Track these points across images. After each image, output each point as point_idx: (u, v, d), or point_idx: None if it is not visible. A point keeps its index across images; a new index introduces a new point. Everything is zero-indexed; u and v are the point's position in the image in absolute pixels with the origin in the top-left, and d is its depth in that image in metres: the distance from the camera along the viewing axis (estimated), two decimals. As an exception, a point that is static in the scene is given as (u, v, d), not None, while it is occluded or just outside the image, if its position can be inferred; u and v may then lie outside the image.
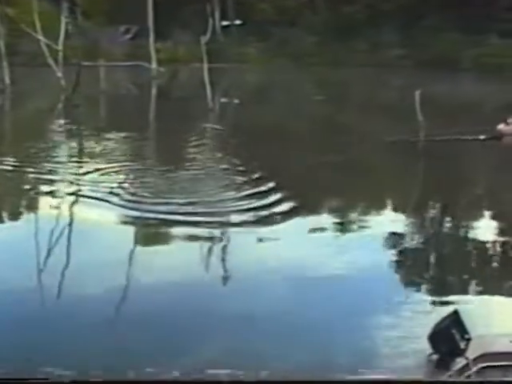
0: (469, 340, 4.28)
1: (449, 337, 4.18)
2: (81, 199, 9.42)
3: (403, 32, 43.07)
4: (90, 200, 9.24)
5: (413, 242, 7.67)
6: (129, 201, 9.07)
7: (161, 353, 4.77)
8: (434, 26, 41.93)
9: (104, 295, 5.87)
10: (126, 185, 10.06)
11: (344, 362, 4.50)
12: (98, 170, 11.28)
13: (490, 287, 6.27)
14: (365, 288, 6.06)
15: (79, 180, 10.53)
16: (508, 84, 29.47)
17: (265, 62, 41.70)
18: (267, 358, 4.80)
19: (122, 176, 10.76)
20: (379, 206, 9.20)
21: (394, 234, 7.89)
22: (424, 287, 6.33)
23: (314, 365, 4.64)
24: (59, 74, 25.59)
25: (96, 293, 5.86)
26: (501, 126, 12.85)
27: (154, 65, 36.26)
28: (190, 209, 8.14)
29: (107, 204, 8.87)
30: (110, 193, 9.37)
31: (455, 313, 4.34)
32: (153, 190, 9.69)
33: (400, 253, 7.29)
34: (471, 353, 4.15)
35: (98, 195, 9.36)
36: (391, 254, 7.25)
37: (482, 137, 5.20)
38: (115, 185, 10.00)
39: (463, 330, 4.24)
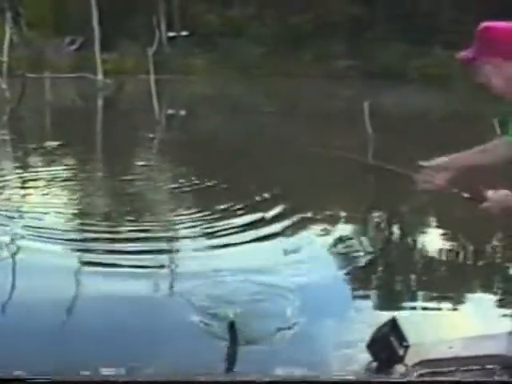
0: (407, 347, 4.37)
1: (387, 344, 4.25)
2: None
3: (350, 43, 43.56)
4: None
5: (360, 252, 7.79)
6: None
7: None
8: (381, 37, 42.50)
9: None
10: (63, 205, 9.66)
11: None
12: (33, 187, 10.93)
13: (430, 295, 6.42)
14: (310, 297, 6.16)
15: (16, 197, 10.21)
16: (452, 93, 30.02)
17: (212, 73, 41.77)
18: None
19: (62, 193, 10.45)
20: (328, 217, 9.32)
21: (341, 244, 8.00)
22: (368, 294, 6.45)
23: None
24: (4, 86, 25.37)
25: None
26: (490, 193, 12.98)
27: (100, 76, 36.08)
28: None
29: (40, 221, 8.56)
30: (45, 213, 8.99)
31: (393, 320, 4.43)
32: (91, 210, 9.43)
33: (347, 263, 7.40)
34: (410, 360, 4.24)
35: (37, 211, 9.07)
36: (337, 265, 7.37)
37: (465, 195, 5.41)
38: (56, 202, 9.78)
39: (402, 337, 4.34)
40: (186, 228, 8.38)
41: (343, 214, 9.61)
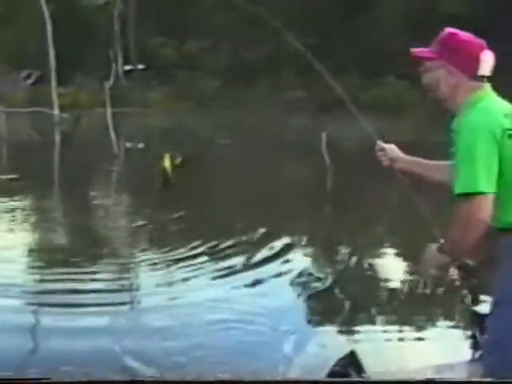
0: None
1: (346, 377, 4.24)
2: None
3: (304, 74, 43.98)
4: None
5: (319, 281, 7.79)
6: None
7: None
8: (334, 68, 43.00)
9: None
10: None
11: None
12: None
13: (391, 324, 6.44)
14: (270, 327, 6.14)
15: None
16: (404, 123, 30.43)
17: (168, 105, 41.81)
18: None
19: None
20: (288, 246, 9.31)
21: (301, 273, 8.00)
22: (328, 326, 6.44)
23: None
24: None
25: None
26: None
27: (56, 111, 35.83)
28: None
29: None
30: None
31: (352, 353, 4.42)
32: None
33: (306, 292, 7.39)
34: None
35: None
36: (297, 294, 7.35)
37: (426, 291, 5.29)
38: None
39: (360, 370, 4.33)
40: (147, 263, 8.31)
41: (303, 242, 9.62)
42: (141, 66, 50.21)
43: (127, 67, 49.68)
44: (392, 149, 4.07)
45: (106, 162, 18.74)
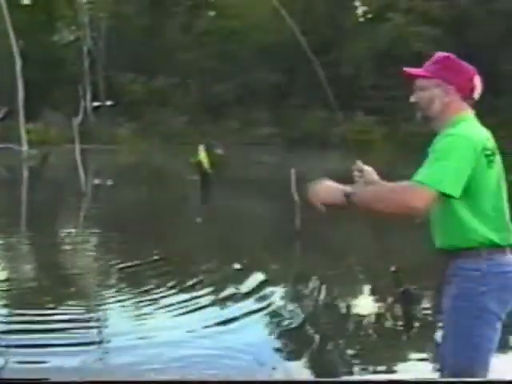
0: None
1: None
2: None
3: (273, 110, 44.27)
4: None
5: (289, 319, 7.77)
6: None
7: None
8: (302, 104, 43.31)
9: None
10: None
11: None
12: None
13: (362, 362, 6.42)
14: (239, 364, 6.10)
15: None
16: (374, 159, 30.67)
17: (137, 142, 41.81)
18: None
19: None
20: (258, 283, 9.30)
21: (270, 311, 7.98)
22: (297, 362, 6.41)
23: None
24: None
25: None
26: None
27: (24, 147, 35.67)
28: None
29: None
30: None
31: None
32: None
33: (276, 330, 7.36)
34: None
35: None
36: (267, 332, 7.33)
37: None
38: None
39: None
40: (114, 301, 8.24)
41: (272, 279, 9.60)
42: (109, 103, 50.25)
43: (96, 103, 49.71)
44: (370, 172, 4.11)
45: (75, 198, 18.62)
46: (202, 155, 5.91)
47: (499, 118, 36.96)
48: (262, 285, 8.99)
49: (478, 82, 3.59)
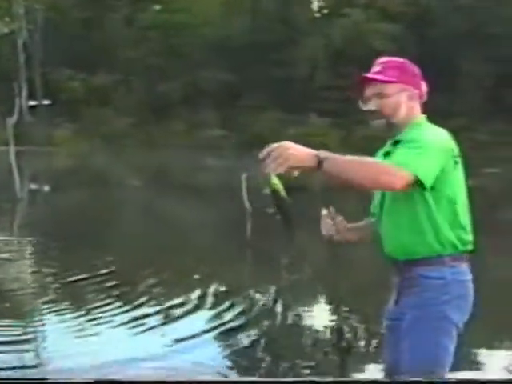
0: None
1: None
2: None
3: (222, 111, 44.25)
4: None
5: (242, 332, 7.83)
6: None
7: None
8: (254, 104, 43.40)
9: None
10: None
11: None
12: None
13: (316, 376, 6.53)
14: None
15: None
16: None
17: (76, 144, 41.47)
18: None
19: None
20: (208, 295, 9.33)
21: (222, 323, 8.03)
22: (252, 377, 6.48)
23: None
24: None
25: None
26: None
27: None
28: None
29: None
30: None
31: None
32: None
33: (229, 343, 7.43)
34: None
35: None
36: (219, 345, 7.39)
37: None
38: None
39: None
40: (54, 319, 8.20)
41: (222, 293, 9.65)
42: (46, 102, 49.76)
43: (32, 102, 49.18)
44: (341, 221, 4.04)
45: (9, 204, 18.43)
46: (275, 181, 5.39)
47: (460, 120, 37.54)
48: (211, 299, 9.03)
49: (424, 84, 3.77)
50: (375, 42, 41.56)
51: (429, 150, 3.40)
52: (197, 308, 8.68)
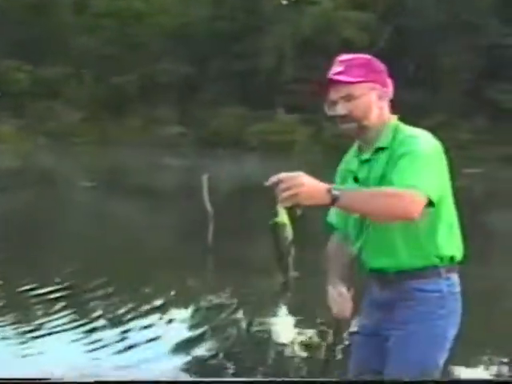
0: None
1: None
2: None
3: (180, 106, 44.19)
4: None
5: (202, 344, 7.79)
6: None
7: None
8: (215, 99, 43.37)
9: None
10: None
11: None
12: None
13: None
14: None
15: None
16: (297, 162, 30.97)
17: (21, 141, 41.12)
18: None
19: None
20: (163, 305, 9.27)
21: (180, 336, 7.99)
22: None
23: None
24: None
25: None
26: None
27: None
28: None
29: None
30: None
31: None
32: None
33: (188, 356, 7.38)
34: None
35: None
36: (176, 358, 7.35)
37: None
38: None
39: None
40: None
41: (179, 299, 9.61)
42: (-11, 94, 49.34)
43: (-28, 95, 48.76)
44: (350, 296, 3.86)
45: None
46: (281, 214, 4.95)
47: (439, 117, 37.79)
48: (168, 309, 8.98)
49: (389, 79, 3.70)
50: (345, 31, 41.72)
51: (431, 164, 3.39)
52: (151, 318, 8.62)
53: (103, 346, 7.62)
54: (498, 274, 11.59)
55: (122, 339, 7.85)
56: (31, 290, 9.78)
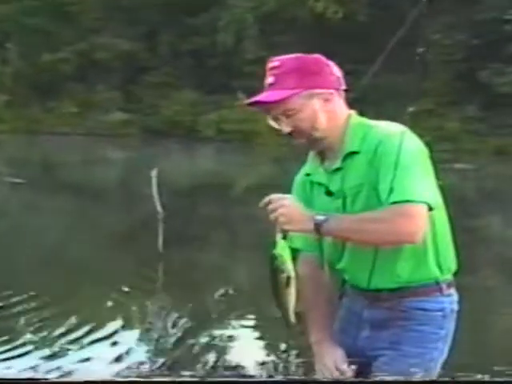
0: None
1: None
2: None
3: (124, 89, 43.96)
4: None
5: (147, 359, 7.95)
6: None
7: None
8: (164, 81, 43.24)
9: None
10: None
11: None
12: None
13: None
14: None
15: None
16: (258, 155, 31.13)
17: None
18: None
19: None
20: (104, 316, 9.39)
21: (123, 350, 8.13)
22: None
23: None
24: None
25: None
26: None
27: None
28: None
29: None
30: None
31: None
32: None
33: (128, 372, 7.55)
34: None
35: None
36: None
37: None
38: None
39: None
40: None
41: (123, 314, 9.73)
42: None
43: None
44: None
45: None
46: (280, 246, 4.65)
47: (426, 103, 38.07)
48: (110, 327, 9.09)
49: (335, 69, 3.69)
50: (316, 4, 41.69)
51: (419, 164, 3.47)
52: (91, 338, 8.73)
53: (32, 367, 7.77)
54: (490, 284, 11.82)
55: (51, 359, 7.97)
56: None
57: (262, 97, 3.65)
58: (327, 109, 3.59)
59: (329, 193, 3.68)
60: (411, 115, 29.34)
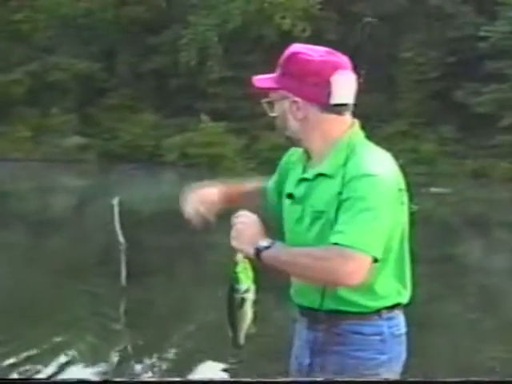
0: None
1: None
2: None
3: (80, 112, 43.75)
4: None
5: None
6: None
7: None
8: (122, 104, 43.11)
9: None
10: None
11: None
12: None
13: None
14: None
15: None
16: (225, 181, 31.10)
17: None
18: None
19: None
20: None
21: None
22: None
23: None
24: None
25: None
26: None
27: None
28: None
29: None
30: None
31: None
32: None
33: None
34: None
35: None
36: None
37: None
38: None
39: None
40: None
41: (85, 355, 9.75)
42: None
43: None
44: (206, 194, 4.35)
45: None
46: (243, 266, 4.55)
47: (400, 124, 38.26)
48: (69, 369, 9.11)
49: (341, 79, 3.69)
50: (283, 22, 41.80)
51: (380, 214, 3.48)
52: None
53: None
54: (469, 314, 11.92)
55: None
56: None
57: (258, 77, 3.80)
58: (297, 115, 3.67)
59: (290, 196, 3.80)
60: (382, 137, 29.26)
